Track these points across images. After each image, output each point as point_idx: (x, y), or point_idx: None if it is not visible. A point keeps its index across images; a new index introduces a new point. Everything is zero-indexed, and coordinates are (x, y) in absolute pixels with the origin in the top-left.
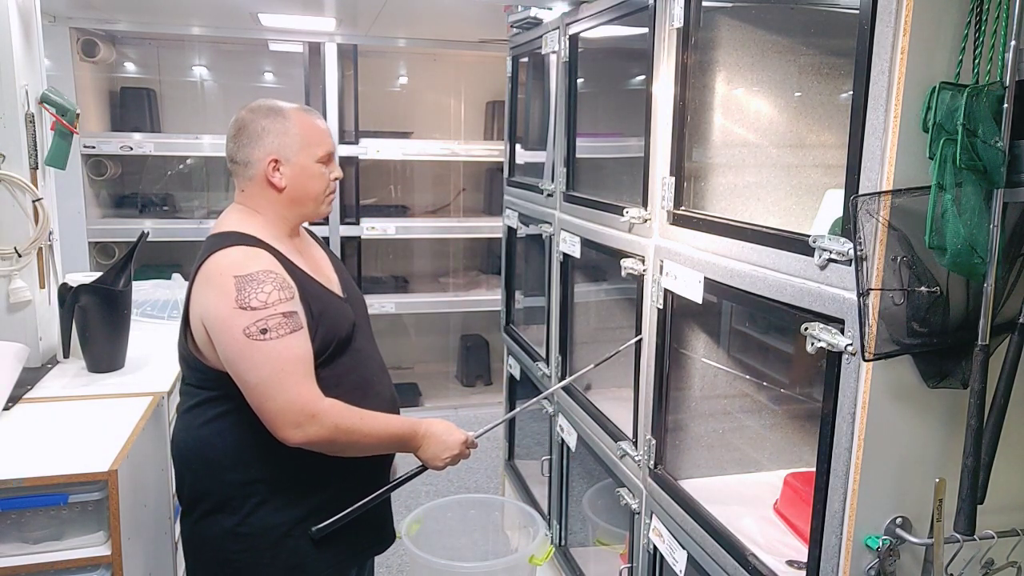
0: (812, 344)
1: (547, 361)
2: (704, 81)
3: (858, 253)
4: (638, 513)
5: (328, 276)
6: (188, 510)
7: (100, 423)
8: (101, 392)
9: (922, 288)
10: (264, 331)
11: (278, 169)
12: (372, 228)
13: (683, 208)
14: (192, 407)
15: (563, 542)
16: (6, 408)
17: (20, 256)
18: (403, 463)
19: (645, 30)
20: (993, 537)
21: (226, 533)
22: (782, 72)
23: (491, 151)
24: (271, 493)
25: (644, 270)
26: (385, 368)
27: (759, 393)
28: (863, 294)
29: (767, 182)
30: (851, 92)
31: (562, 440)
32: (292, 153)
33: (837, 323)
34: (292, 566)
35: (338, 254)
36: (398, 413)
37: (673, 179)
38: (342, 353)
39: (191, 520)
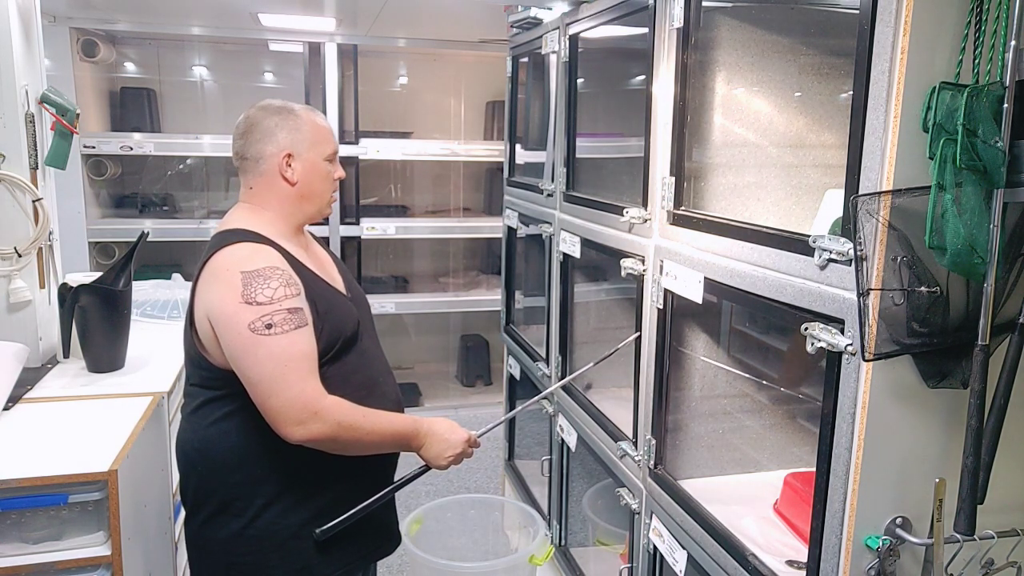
0: (812, 344)
1: (547, 361)
2: (704, 81)
3: (858, 253)
4: (638, 513)
5: (332, 275)
6: (193, 512)
7: (100, 423)
8: (101, 392)
9: (922, 288)
10: (269, 326)
11: (290, 164)
12: (372, 228)
13: (683, 208)
14: (197, 408)
15: (563, 542)
16: (6, 408)
17: (20, 256)
18: (404, 464)
19: (645, 30)
20: (993, 537)
21: (232, 535)
22: (782, 72)
23: (491, 151)
24: (277, 495)
25: (644, 270)
26: (390, 369)
27: (759, 393)
28: (863, 294)
29: (767, 182)
30: (851, 92)
31: (562, 440)
32: (304, 149)
33: (837, 323)
34: (299, 568)
35: (338, 254)
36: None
37: (673, 179)
38: (348, 352)
39: (196, 522)
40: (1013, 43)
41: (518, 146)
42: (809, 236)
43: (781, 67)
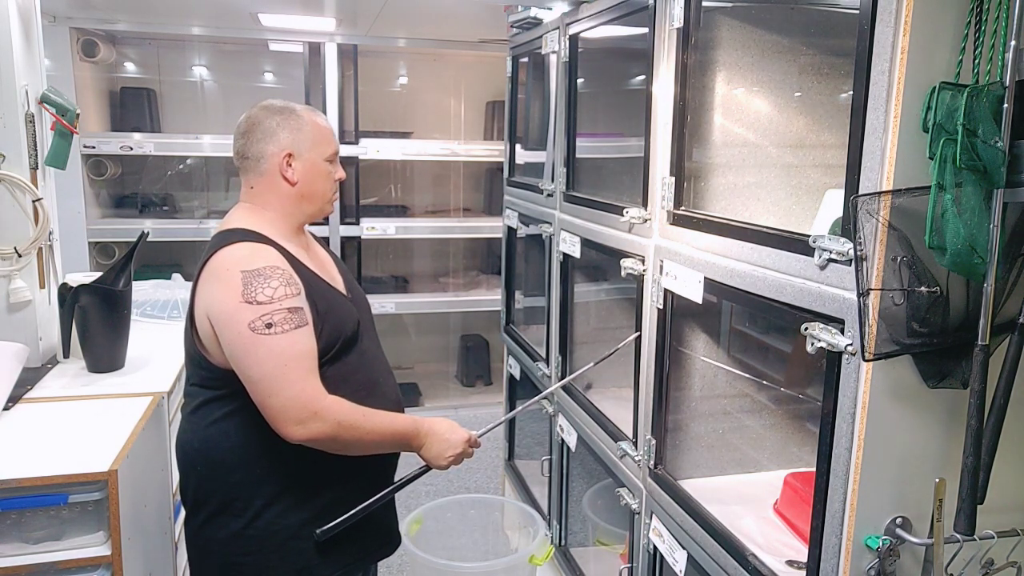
0: (812, 344)
1: (547, 361)
2: (704, 81)
3: (858, 253)
4: (638, 513)
5: (333, 275)
6: (193, 512)
7: (100, 423)
8: (101, 392)
9: (922, 288)
10: (269, 325)
11: (291, 164)
12: (372, 228)
13: (683, 208)
14: (197, 407)
15: (563, 542)
16: (6, 408)
17: (20, 256)
18: (404, 464)
19: (645, 30)
20: (993, 537)
21: (232, 536)
22: (782, 72)
23: (491, 151)
24: (277, 495)
25: (644, 270)
26: (390, 369)
27: (759, 393)
28: (863, 294)
29: (767, 182)
30: (851, 92)
31: (562, 440)
32: (305, 149)
33: (837, 323)
34: (299, 569)
35: (338, 254)
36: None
37: (673, 179)
38: (348, 352)
39: (196, 523)
40: (1013, 43)
41: (518, 146)
42: (809, 236)
43: (781, 67)
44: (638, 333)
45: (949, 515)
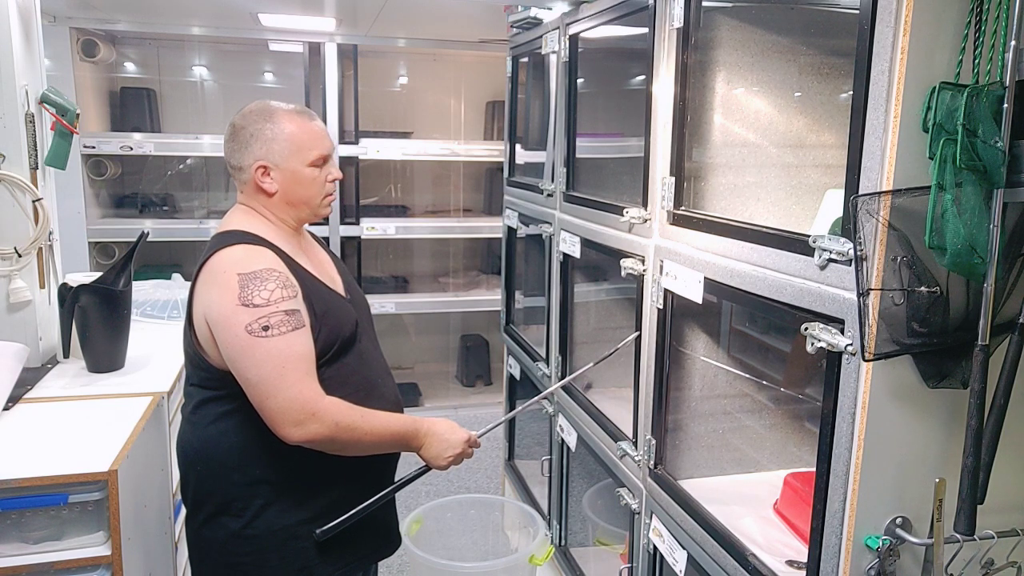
0: (812, 344)
1: (547, 361)
2: (704, 81)
3: (858, 253)
4: (638, 513)
5: (331, 276)
6: (193, 512)
7: (100, 423)
8: (101, 392)
9: (922, 288)
10: (266, 328)
11: (267, 175)
12: (372, 228)
13: (683, 208)
14: (196, 407)
15: (563, 542)
16: (6, 408)
17: (20, 256)
18: (404, 464)
19: (645, 30)
20: (993, 537)
21: (232, 536)
22: (782, 72)
23: (491, 151)
24: (276, 494)
25: (644, 270)
26: (389, 370)
27: (759, 393)
28: (863, 294)
29: (767, 182)
30: (851, 92)
31: (562, 440)
32: (281, 159)
33: (837, 323)
34: (298, 569)
35: (338, 254)
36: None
37: (673, 179)
38: (346, 353)
39: (196, 523)
40: (1013, 43)
41: (518, 146)
42: (809, 236)
43: (781, 67)
44: (638, 333)
45: (949, 515)
